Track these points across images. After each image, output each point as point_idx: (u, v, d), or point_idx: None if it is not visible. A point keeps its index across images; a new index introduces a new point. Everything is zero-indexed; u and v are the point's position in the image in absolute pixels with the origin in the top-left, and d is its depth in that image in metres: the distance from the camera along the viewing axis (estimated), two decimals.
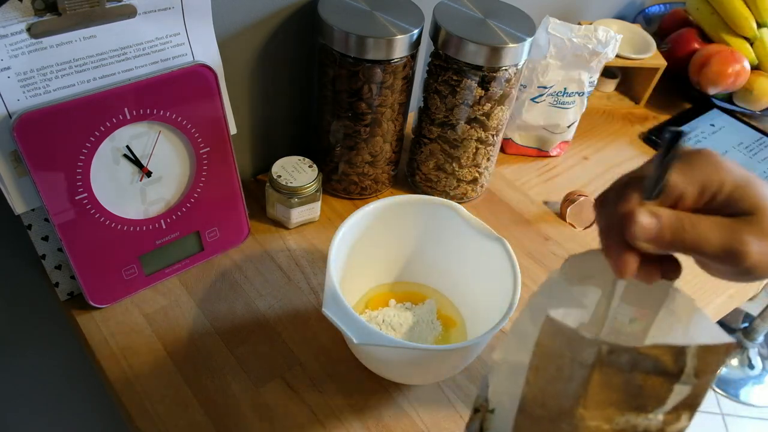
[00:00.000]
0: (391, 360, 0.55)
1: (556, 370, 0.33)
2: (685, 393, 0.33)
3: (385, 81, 0.66)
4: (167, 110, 0.57)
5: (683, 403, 0.34)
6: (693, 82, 1.00)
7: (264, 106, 0.74)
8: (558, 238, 0.77)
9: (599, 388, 0.33)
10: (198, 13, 0.56)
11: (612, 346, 0.32)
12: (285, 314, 0.64)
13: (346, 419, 0.57)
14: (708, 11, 1.02)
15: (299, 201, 0.70)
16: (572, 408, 0.33)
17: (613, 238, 0.34)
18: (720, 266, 0.34)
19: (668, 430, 0.34)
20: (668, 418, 0.34)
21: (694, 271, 0.38)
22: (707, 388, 0.33)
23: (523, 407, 0.35)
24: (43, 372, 0.78)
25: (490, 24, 0.67)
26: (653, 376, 0.33)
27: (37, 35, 0.48)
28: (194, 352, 0.60)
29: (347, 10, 0.65)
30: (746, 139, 0.97)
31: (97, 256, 0.59)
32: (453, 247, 0.63)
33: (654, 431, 0.34)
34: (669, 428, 0.34)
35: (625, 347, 0.32)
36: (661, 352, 0.32)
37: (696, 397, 0.33)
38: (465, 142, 0.73)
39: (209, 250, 0.68)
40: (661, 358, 0.32)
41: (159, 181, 0.60)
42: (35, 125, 0.50)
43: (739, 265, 0.33)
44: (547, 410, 0.34)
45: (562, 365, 0.33)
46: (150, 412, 0.55)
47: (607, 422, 0.33)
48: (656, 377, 0.33)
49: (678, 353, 0.32)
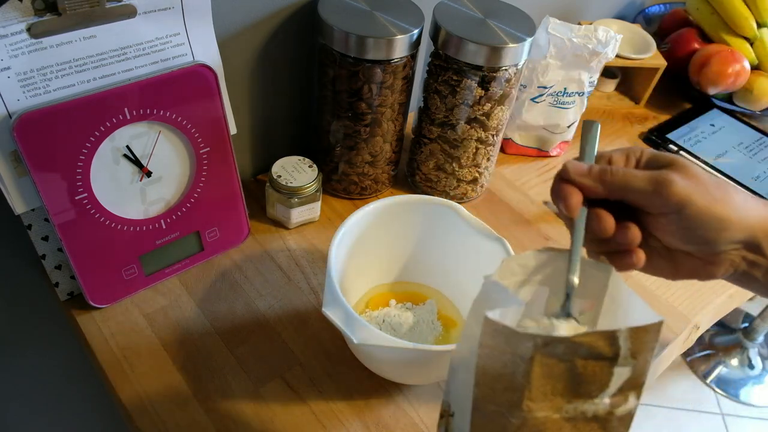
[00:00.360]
0: (391, 360, 0.55)
1: (501, 367, 0.35)
2: (626, 374, 0.35)
3: (385, 81, 0.66)
4: (167, 110, 0.57)
5: (627, 384, 0.35)
6: (693, 82, 1.00)
7: (264, 106, 0.74)
8: (558, 238, 0.77)
9: (542, 379, 0.34)
10: (198, 13, 0.56)
11: (546, 338, 0.33)
12: (285, 314, 0.64)
13: (346, 419, 0.57)
14: (708, 11, 1.02)
15: (299, 201, 0.70)
16: (519, 401, 0.34)
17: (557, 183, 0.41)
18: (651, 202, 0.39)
19: (617, 412, 0.35)
20: (615, 400, 0.35)
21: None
22: (647, 366, 0.35)
23: (476, 406, 0.36)
24: (43, 372, 0.78)
25: (490, 24, 0.67)
26: (591, 362, 0.34)
27: (37, 35, 0.48)
28: (194, 352, 0.60)
29: (347, 10, 0.65)
30: (746, 139, 0.97)
31: (97, 256, 0.59)
32: (453, 247, 0.63)
33: (603, 415, 0.35)
34: (617, 410, 0.35)
35: (559, 338, 0.33)
36: (594, 339, 0.34)
37: (639, 377, 0.35)
38: (465, 142, 0.73)
39: (209, 250, 0.68)
40: (594, 344, 0.34)
41: (159, 181, 0.60)
42: (35, 125, 0.50)
43: (668, 197, 0.38)
44: (498, 406, 0.35)
45: (506, 361, 0.34)
46: (150, 412, 0.55)
47: (556, 411, 0.35)
48: (594, 363, 0.34)
49: (610, 338, 0.34)
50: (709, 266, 0.41)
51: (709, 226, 0.39)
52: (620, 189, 0.40)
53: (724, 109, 1.02)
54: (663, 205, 0.39)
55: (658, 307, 0.71)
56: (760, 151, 0.96)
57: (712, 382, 1.66)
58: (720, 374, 1.67)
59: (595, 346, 0.34)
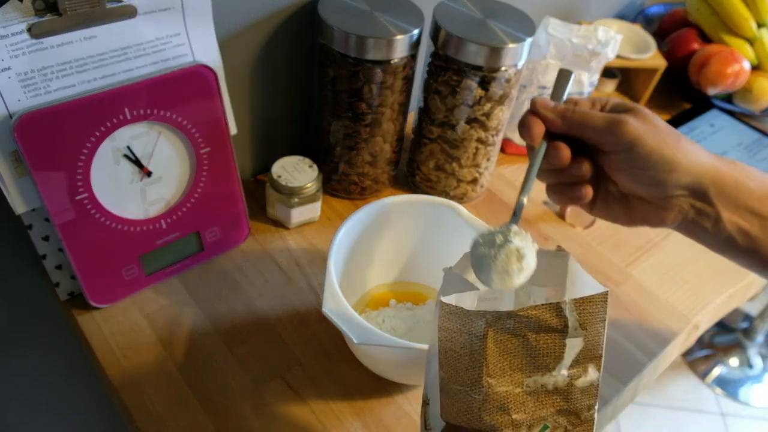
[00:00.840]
0: (391, 360, 0.55)
1: (459, 348, 0.36)
2: (579, 345, 0.36)
3: (385, 81, 0.66)
4: (167, 110, 0.57)
5: (583, 355, 0.36)
6: (693, 83, 1.01)
7: (264, 106, 0.74)
8: (558, 238, 0.77)
9: (497, 355, 0.36)
10: (198, 13, 0.56)
11: (495, 313, 0.35)
12: (285, 314, 0.64)
13: (346, 419, 0.57)
14: (708, 11, 1.03)
15: (299, 201, 0.70)
16: (479, 378, 0.36)
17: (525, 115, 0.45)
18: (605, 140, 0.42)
19: (578, 384, 0.37)
20: (574, 372, 0.36)
21: (694, 271, 0.39)
22: (601, 338, 0.36)
23: (442, 388, 0.38)
24: (43, 372, 0.78)
25: (490, 24, 0.67)
26: (543, 335, 0.36)
27: (38, 35, 0.48)
28: (194, 352, 0.60)
29: (347, 10, 0.65)
30: (746, 139, 0.98)
31: (97, 256, 0.59)
32: (453, 247, 0.63)
33: (563, 387, 0.36)
34: (577, 382, 0.37)
35: (507, 312, 0.35)
36: (540, 312, 0.35)
37: (594, 349, 0.36)
38: (465, 142, 0.73)
39: (209, 250, 0.68)
40: (542, 317, 0.35)
41: (159, 181, 0.60)
42: (36, 125, 0.50)
43: (621, 135, 0.41)
44: (462, 385, 0.37)
45: (463, 342, 0.36)
46: (150, 412, 0.55)
47: (517, 386, 0.36)
48: (546, 335, 0.36)
49: (555, 309, 0.35)
50: (660, 211, 0.44)
51: (657, 166, 0.42)
52: (579, 125, 0.43)
53: (723, 110, 1.02)
54: (615, 142, 0.42)
55: (658, 307, 0.71)
56: (760, 151, 0.96)
57: (712, 382, 1.66)
58: (720, 374, 1.67)
59: (543, 318, 0.35)
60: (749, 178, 0.43)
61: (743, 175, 0.43)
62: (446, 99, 0.70)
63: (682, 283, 0.74)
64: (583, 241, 0.77)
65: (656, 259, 0.77)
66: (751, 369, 1.69)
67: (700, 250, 0.47)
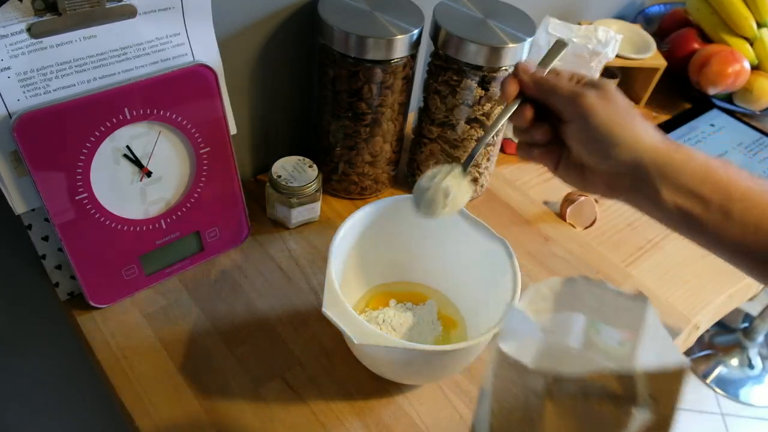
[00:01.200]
0: (391, 360, 0.55)
1: (514, 399, 0.34)
2: (648, 418, 0.33)
3: (385, 81, 0.66)
4: (167, 110, 0.57)
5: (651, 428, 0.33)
6: (693, 82, 1.00)
7: (264, 106, 0.74)
8: (558, 238, 0.77)
9: (556, 416, 0.33)
10: (198, 13, 0.56)
11: (557, 375, 0.32)
12: (285, 314, 0.64)
13: (346, 419, 0.57)
14: (708, 11, 1.03)
15: (299, 201, 0.70)
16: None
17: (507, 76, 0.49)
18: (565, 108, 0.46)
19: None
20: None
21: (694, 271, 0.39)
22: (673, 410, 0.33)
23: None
24: (43, 372, 0.78)
25: (490, 24, 0.67)
26: (607, 402, 0.33)
27: (38, 35, 0.48)
28: (194, 352, 0.60)
29: (347, 10, 0.65)
30: (746, 139, 0.98)
31: (97, 256, 0.59)
32: (453, 247, 0.63)
33: None
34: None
35: (570, 376, 0.32)
36: (606, 378, 0.33)
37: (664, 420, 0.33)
38: (465, 142, 0.73)
39: (209, 250, 0.68)
40: (607, 383, 0.33)
41: (159, 181, 0.60)
42: (35, 125, 0.50)
43: (578, 106, 0.45)
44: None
45: (518, 394, 0.34)
46: (150, 412, 0.55)
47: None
48: (610, 403, 0.33)
49: (623, 378, 0.32)
50: (609, 182, 0.47)
51: (603, 140, 0.45)
52: (547, 92, 0.48)
53: (724, 109, 1.02)
54: (572, 112, 0.46)
55: (658, 307, 0.71)
56: (760, 151, 0.96)
57: (712, 382, 1.66)
58: (720, 374, 1.67)
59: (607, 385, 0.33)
60: (691, 159, 0.44)
61: (685, 156, 0.44)
62: (446, 99, 0.70)
63: (682, 283, 0.74)
64: (583, 241, 0.77)
65: (656, 259, 0.77)
66: (751, 369, 1.68)
67: (700, 250, 0.47)
